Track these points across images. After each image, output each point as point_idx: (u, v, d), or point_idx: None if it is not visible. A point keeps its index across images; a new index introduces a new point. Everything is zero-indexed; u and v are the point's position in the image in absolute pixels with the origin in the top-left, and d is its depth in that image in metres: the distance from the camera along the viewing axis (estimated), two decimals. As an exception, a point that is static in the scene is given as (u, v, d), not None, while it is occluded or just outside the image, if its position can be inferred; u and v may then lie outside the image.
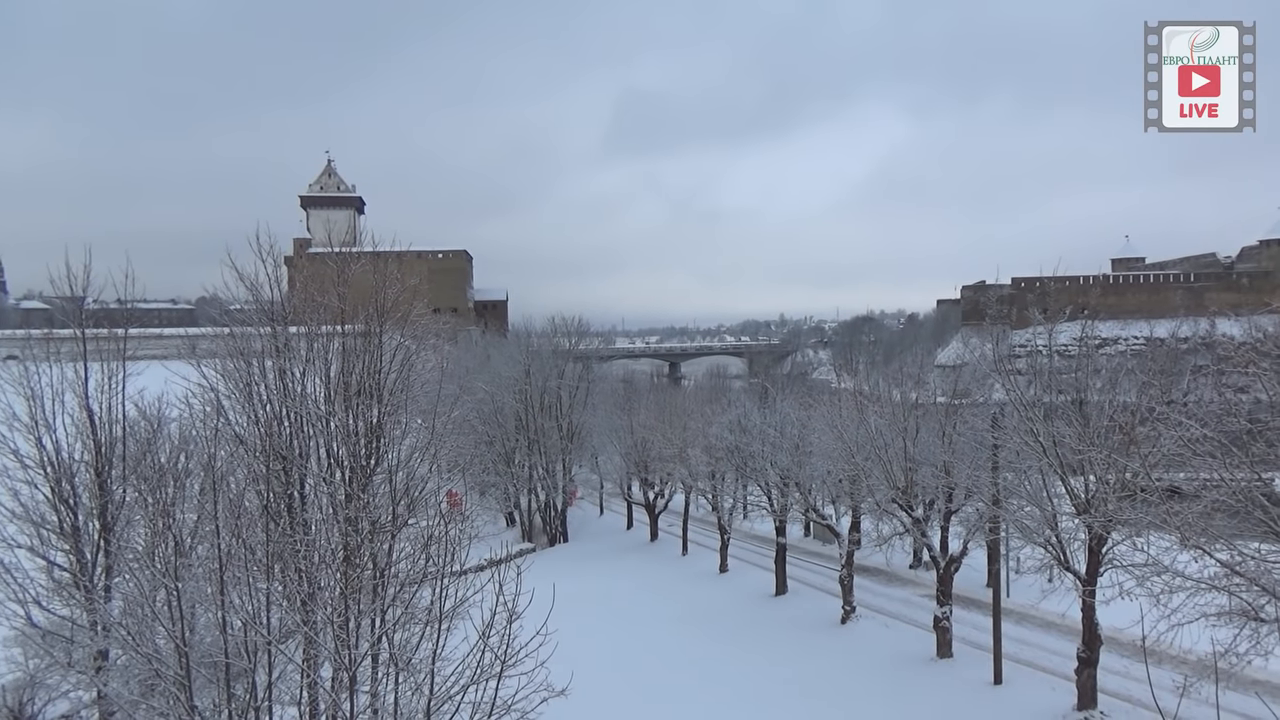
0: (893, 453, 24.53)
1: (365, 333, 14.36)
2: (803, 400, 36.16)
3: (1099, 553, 17.47)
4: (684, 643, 27.53)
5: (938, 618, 23.34)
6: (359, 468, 13.51)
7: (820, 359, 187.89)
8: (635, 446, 48.31)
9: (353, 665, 9.30)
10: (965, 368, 37.74)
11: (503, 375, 56.30)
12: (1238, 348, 14.20)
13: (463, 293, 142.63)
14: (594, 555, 47.81)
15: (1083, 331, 22.77)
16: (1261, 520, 12.81)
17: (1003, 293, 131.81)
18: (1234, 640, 12.76)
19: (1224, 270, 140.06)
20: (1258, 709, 6.36)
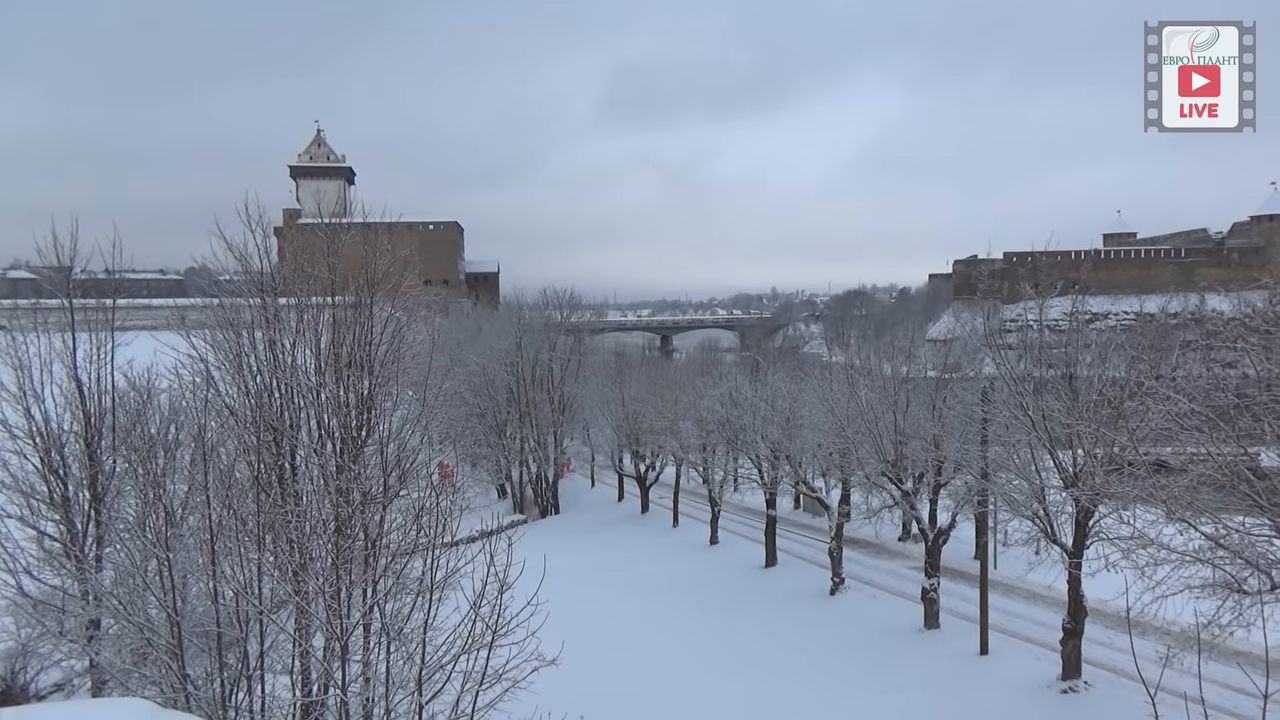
0: (883, 426, 24.64)
1: (356, 304, 14.29)
2: (794, 374, 36.24)
3: (1086, 526, 17.63)
4: (674, 613, 27.77)
5: (925, 589, 23.57)
6: (350, 439, 13.48)
7: (812, 333, 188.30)
8: (627, 419, 48.38)
9: (344, 635, 9.36)
10: (956, 342, 37.91)
11: (494, 347, 56.22)
12: (1227, 323, 14.30)
13: (454, 264, 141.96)
14: (585, 527, 48.03)
15: (1073, 306, 22.84)
16: (1247, 494, 12.93)
17: (994, 267, 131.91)
18: (1217, 612, 12.93)
19: (1215, 246, 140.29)
20: (1239, 679, 6.44)
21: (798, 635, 24.43)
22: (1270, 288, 14.27)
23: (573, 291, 67.47)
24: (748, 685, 20.75)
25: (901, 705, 18.94)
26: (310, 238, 16.42)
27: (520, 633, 9.20)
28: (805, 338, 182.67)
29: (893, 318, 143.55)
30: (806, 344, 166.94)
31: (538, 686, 9.32)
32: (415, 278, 19.88)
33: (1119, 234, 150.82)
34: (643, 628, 26.14)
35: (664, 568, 34.83)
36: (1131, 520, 16.25)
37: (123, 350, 16.32)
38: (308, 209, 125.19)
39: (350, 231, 15.59)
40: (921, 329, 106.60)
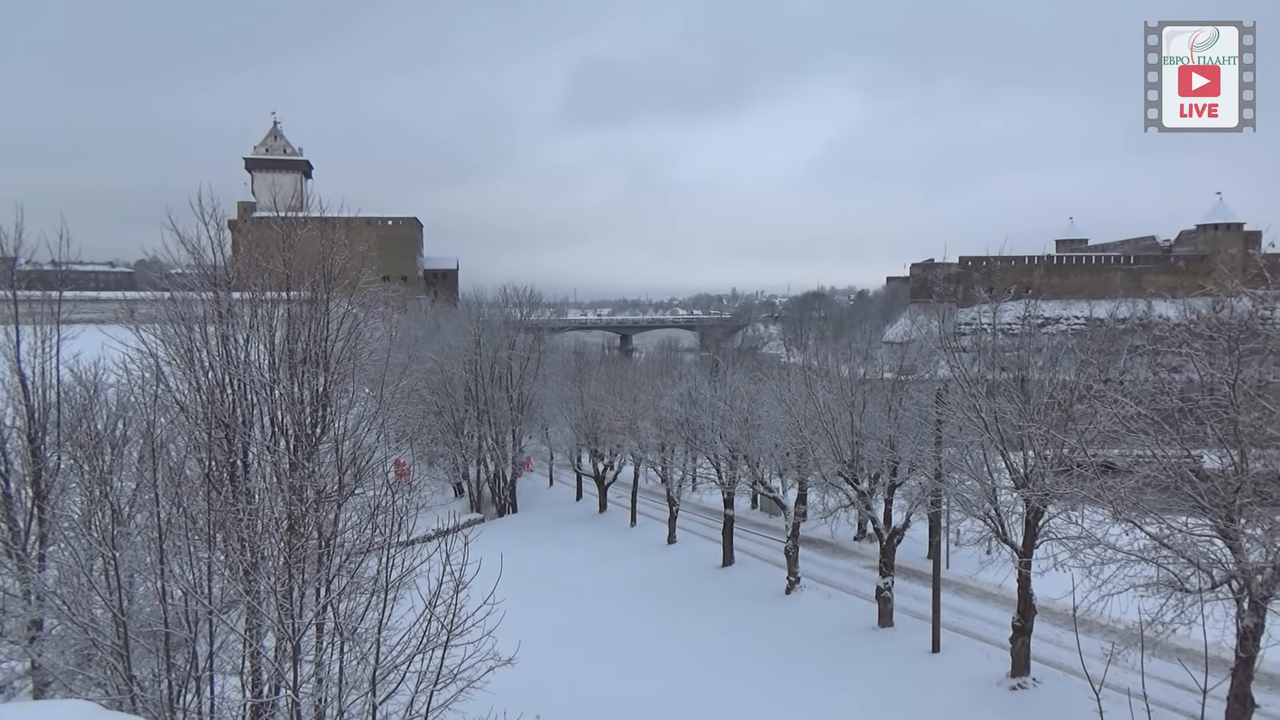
0: (840, 427, 24.88)
1: (311, 299, 14.10)
2: (753, 374, 36.46)
3: (1035, 525, 17.97)
4: (631, 613, 27.79)
5: (880, 588, 23.84)
6: (304, 436, 13.31)
7: (771, 333, 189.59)
8: (586, 418, 48.30)
9: (296, 635, 9.22)
10: (912, 344, 38.40)
11: (452, 345, 55.78)
12: (1172, 329, 14.61)
13: (412, 261, 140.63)
14: (543, 526, 47.87)
15: (1026, 310, 23.28)
16: (1190, 495, 13.28)
17: (950, 271, 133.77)
18: (1160, 610, 13.26)
19: (1162, 253, 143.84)
20: (1181, 675, 6.62)
21: (754, 634, 24.58)
22: (1214, 295, 14.65)
23: (532, 289, 67.21)
24: (703, 684, 20.83)
25: (855, 702, 19.15)
26: (265, 231, 16.17)
27: (476, 632, 9.14)
28: (764, 338, 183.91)
29: (850, 319, 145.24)
30: (765, 345, 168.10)
31: (493, 686, 9.27)
32: (373, 274, 19.63)
33: (1071, 240, 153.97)
34: (599, 627, 26.12)
35: (621, 567, 34.84)
36: (1079, 520, 16.61)
37: (69, 344, 15.92)
38: (263, 202, 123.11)
39: (306, 226, 15.37)
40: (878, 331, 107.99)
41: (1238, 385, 12.72)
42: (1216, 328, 13.68)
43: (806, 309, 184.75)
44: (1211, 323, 13.97)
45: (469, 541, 9.25)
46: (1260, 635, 13.21)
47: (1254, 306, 13.66)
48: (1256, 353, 13.27)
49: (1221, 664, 13.33)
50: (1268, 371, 13.24)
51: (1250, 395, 12.63)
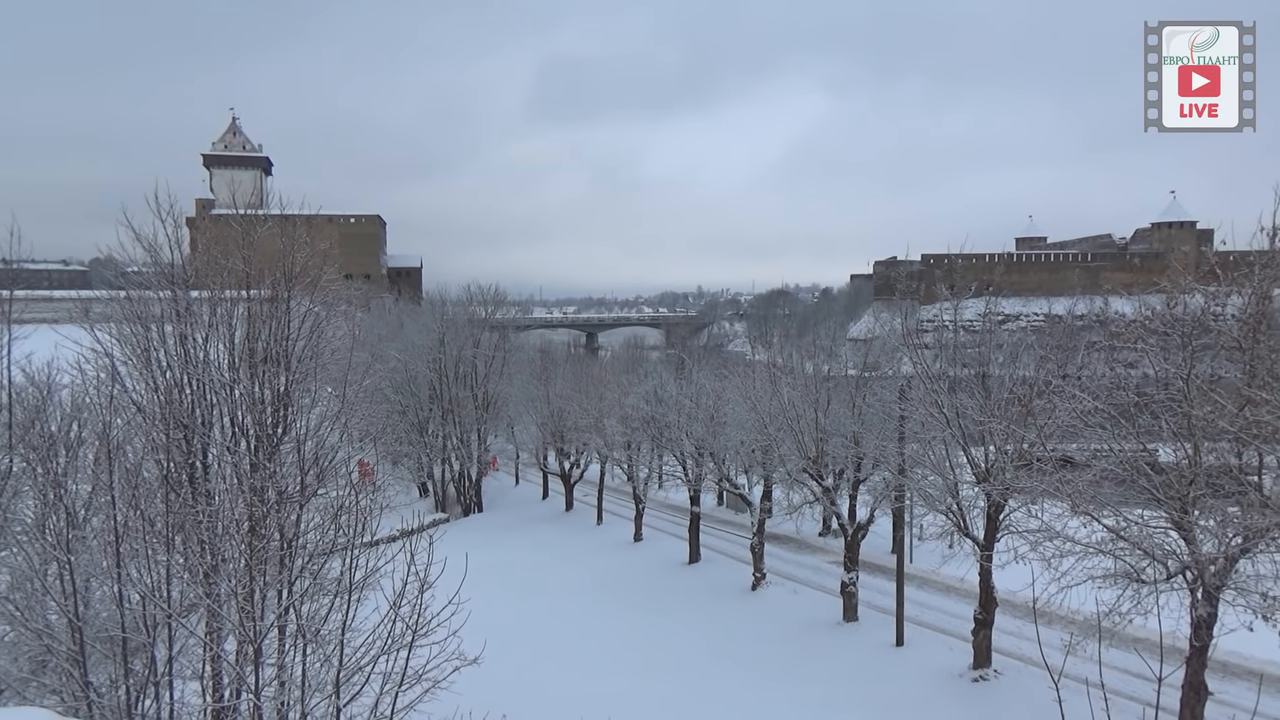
0: (804, 423, 25.05)
1: (272, 298, 13.90)
2: (718, 372, 36.59)
3: (996, 519, 18.23)
4: (597, 611, 27.78)
5: (844, 583, 24.05)
6: (265, 436, 13.13)
7: (736, 331, 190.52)
8: (551, 416, 48.17)
9: (258, 637, 9.10)
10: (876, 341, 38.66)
11: (416, 343, 55.31)
12: (1128, 325, 14.92)
13: (375, 259, 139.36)
14: (509, 525, 47.69)
15: (986, 307, 23.56)
16: (1145, 488, 13.56)
17: (913, 268, 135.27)
18: (1118, 600, 13.53)
19: (1119, 251, 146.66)
20: (1137, 665, 6.76)
21: (720, 630, 24.68)
22: (1168, 292, 14.94)
23: (497, 287, 66.73)
24: (670, 681, 20.88)
25: (820, 696, 19.30)
26: (224, 229, 15.92)
27: (441, 632, 9.08)
28: (730, 336, 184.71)
29: (815, 317, 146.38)
30: (731, 342, 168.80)
31: (459, 686, 9.22)
32: (335, 272, 19.43)
33: (1030, 238, 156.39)
34: (565, 626, 26.09)
35: (588, 565, 34.81)
36: (1039, 514, 16.89)
37: (20, 344, 15.57)
38: (222, 199, 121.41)
39: (267, 223, 15.15)
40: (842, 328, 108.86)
41: (1191, 380, 13.00)
42: (1170, 324, 13.97)
43: (772, 306, 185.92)
44: (1166, 319, 14.27)
45: (434, 541, 9.19)
46: (1213, 624, 13.53)
47: (1206, 303, 13.97)
48: (1209, 348, 13.58)
49: (1177, 653, 13.62)
50: (1220, 366, 13.56)
51: (1203, 390, 12.91)
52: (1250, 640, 13.67)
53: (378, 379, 34.49)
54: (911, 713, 18.07)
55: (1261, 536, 12.02)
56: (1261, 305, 13.03)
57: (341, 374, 15.71)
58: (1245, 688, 16.39)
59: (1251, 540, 12.28)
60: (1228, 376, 13.42)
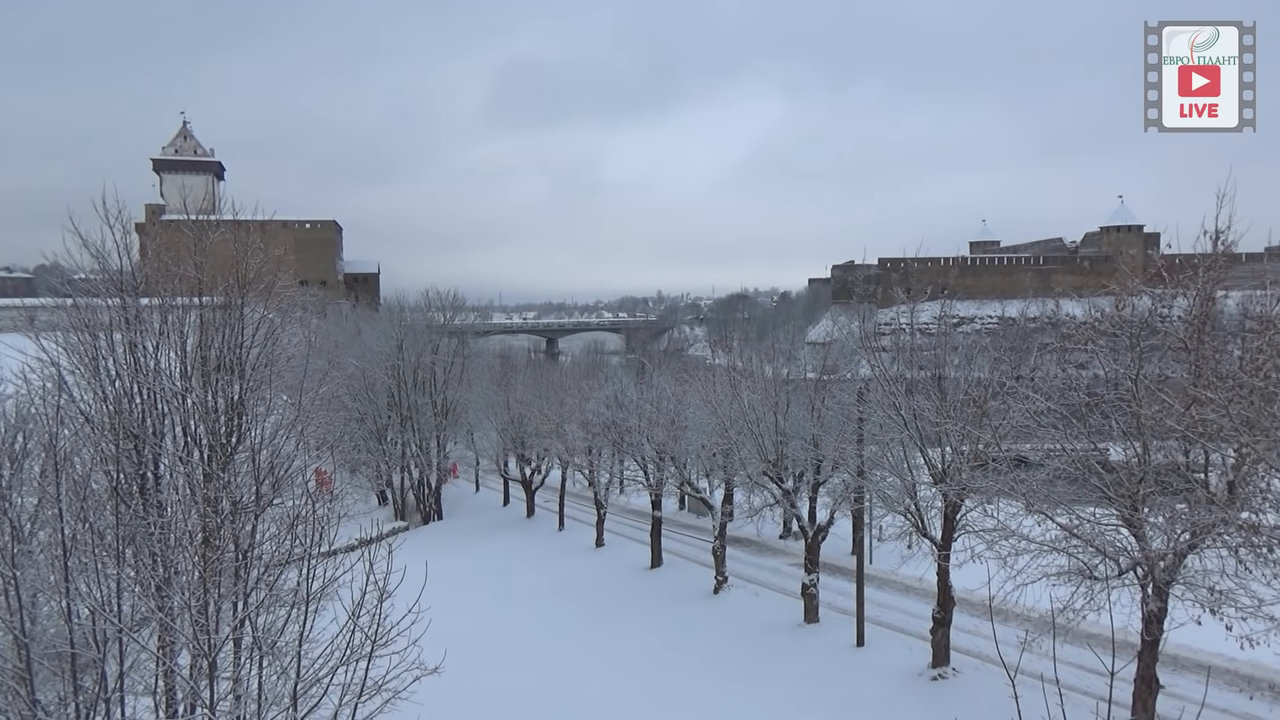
0: (764, 427, 25.19)
1: (225, 305, 13.68)
2: (679, 376, 36.64)
3: (953, 519, 18.48)
4: (559, 617, 27.67)
5: (805, 585, 24.22)
6: (219, 446, 12.90)
7: (696, 335, 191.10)
8: (512, 422, 47.91)
9: (212, 651, 8.91)
10: (834, 344, 39.09)
11: (374, 350, 54.70)
12: (1079, 327, 15.21)
13: (331, 265, 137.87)
14: (469, 532, 47.33)
15: (942, 311, 23.96)
16: (1097, 487, 13.84)
17: (870, 272, 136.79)
18: (1071, 597, 13.78)
19: (1069, 254, 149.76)
20: (1091, 660, 6.89)
21: (682, 634, 24.71)
22: (1117, 294, 15.27)
23: (456, 293, 66.20)
24: (632, 686, 20.86)
25: (782, 698, 19.40)
26: (175, 235, 15.62)
27: (401, 642, 8.98)
28: (690, 340, 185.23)
29: (774, 321, 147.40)
30: (691, 346, 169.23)
31: (420, 696, 9.12)
32: (290, 278, 19.16)
33: (984, 242, 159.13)
34: (527, 632, 25.94)
35: (549, 571, 34.66)
36: (995, 513, 17.16)
37: (-39, 353, 15.10)
38: (173, 205, 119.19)
39: (219, 229, 14.90)
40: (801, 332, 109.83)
41: (1139, 380, 13.30)
42: (1119, 325, 14.28)
43: (731, 311, 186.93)
44: (1115, 321, 14.57)
45: (393, 550, 9.09)
46: (1164, 619, 13.84)
47: (1153, 305, 14.30)
48: (1156, 349, 13.91)
49: (1128, 647, 13.93)
50: (1167, 367, 13.89)
51: (1151, 389, 13.22)
52: (1199, 634, 14.02)
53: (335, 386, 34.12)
54: (872, 712, 18.23)
55: (1208, 532, 12.32)
56: (1206, 307, 13.36)
57: (297, 381, 15.50)
58: (1195, 680, 16.79)
59: (1199, 536, 12.59)
60: (1174, 376, 13.74)
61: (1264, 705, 16.42)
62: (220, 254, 14.49)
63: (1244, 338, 13.53)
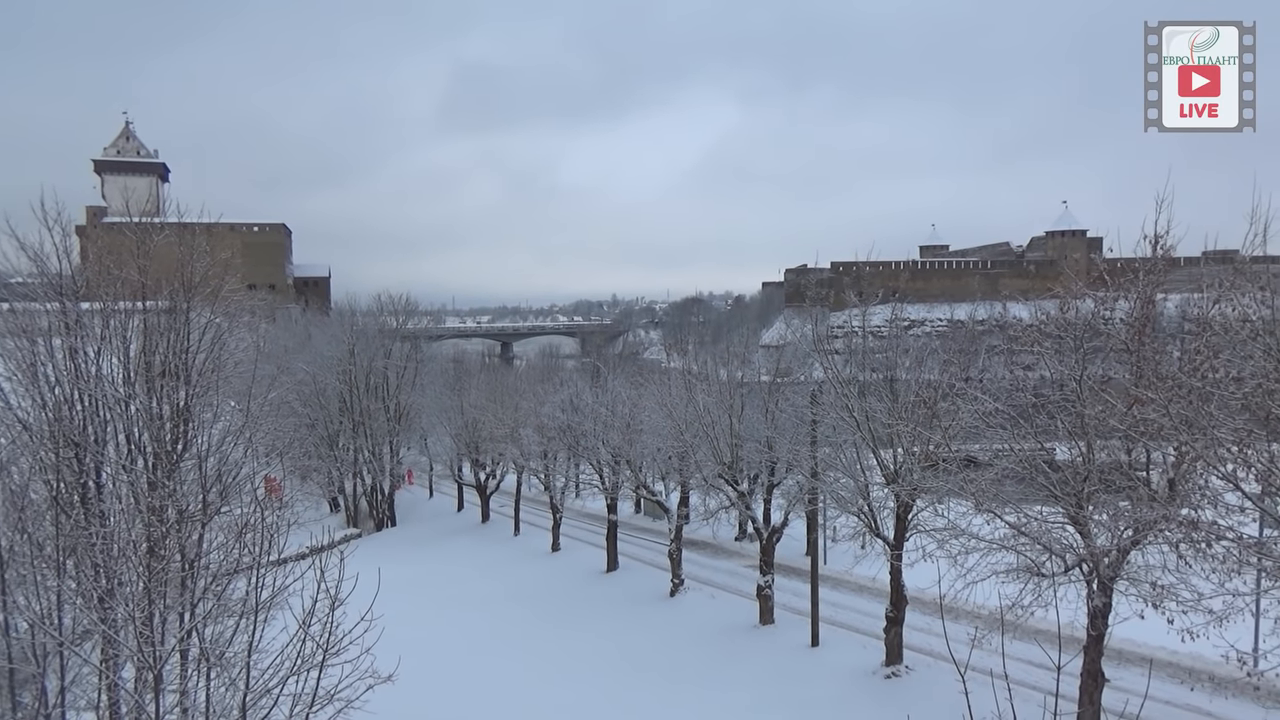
0: (719, 429, 25.30)
1: (170, 309, 13.39)
2: (634, 379, 36.66)
3: (905, 519, 18.74)
4: (515, 622, 27.50)
5: (760, 586, 24.36)
6: (164, 453, 12.62)
7: (651, 339, 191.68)
8: (466, 427, 47.56)
9: (158, 663, 8.70)
10: (788, 347, 39.39)
11: (325, 355, 53.95)
12: (1025, 329, 15.53)
13: (280, 268, 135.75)
14: (423, 539, 46.85)
15: (893, 314, 24.26)
16: (1044, 485, 14.13)
17: (822, 276, 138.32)
18: (1019, 594, 14.06)
19: (1016, 258, 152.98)
20: (1038, 655, 7.03)
21: (638, 638, 24.70)
22: (1061, 297, 15.63)
23: (409, 297, 65.63)
24: (588, 691, 20.80)
25: (739, 701, 19.47)
26: (118, 238, 15.27)
27: (354, 650, 8.84)
28: (645, 344, 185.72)
29: (728, 324, 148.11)
30: (646, 350, 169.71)
31: (373, 705, 8.99)
32: (238, 282, 18.84)
33: (933, 246, 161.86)
34: (483, 638, 25.74)
35: (505, 577, 34.45)
36: (945, 513, 17.45)
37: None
38: (115, 207, 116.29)
39: (163, 232, 14.59)
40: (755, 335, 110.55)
41: (1084, 381, 13.62)
42: (1064, 328, 14.61)
43: (686, 314, 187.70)
44: (1059, 323, 14.91)
45: (345, 557, 8.95)
46: (1108, 614, 14.17)
47: (1096, 308, 14.65)
48: (1099, 350, 14.25)
49: (1075, 642, 14.21)
50: (1110, 368, 14.24)
51: (1094, 390, 13.54)
52: (1142, 628, 14.36)
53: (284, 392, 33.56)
54: (828, 712, 18.39)
55: (1150, 529, 12.64)
56: (1146, 309, 13.73)
57: (246, 387, 15.22)
58: (1138, 673, 17.19)
59: (1141, 532, 12.91)
60: (1117, 377, 14.09)
61: (1204, 696, 16.89)
62: (165, 257, 14.20)
63: (1183, 339, 13.91)
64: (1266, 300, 11.15)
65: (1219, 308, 12.28)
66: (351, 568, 8.83)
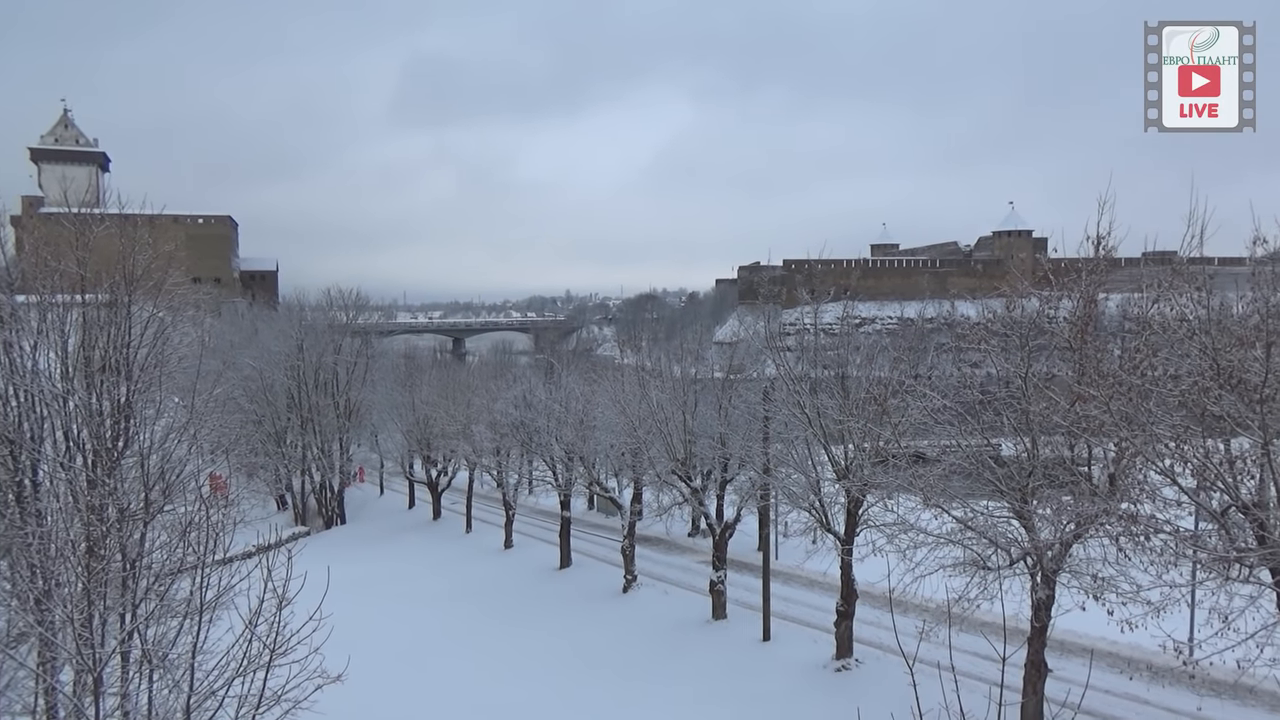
0: (673, 426, 25.37)
1: (111, 303, 13.04)
2: (587, 376, 36.59)
3: (856, 514, 18.97)
4: (466, 620, 27.31)
5: (713, 582, 24.49)
6: (104, 451, 12.29)
7: (605, 335, 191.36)
8: (418, 424, 47.07)
9: (97, 666, 8.48)
10: (741, 344, 39.61)
11: (273, 350, 52.93)
12: (972, 327, 15.81)
13: (227, 262, 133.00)
14: (373, 537, 46.29)
15: (844, 311, 24.58)
16: (990, 480, 14.41)
17: (775, 274, 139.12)
18: (966, 587, 14.33)
19: (964, 258, 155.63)
20: (984, 647, 7.17)
21: (591, 634, 24.69)
22: (1008, 296, 15.93)
23: (359, 292, 64.60)
24: (540, 689, 20.73)
25: (690, 695, 19.57)
26: (56, 228, 14.84)
27: (302, 650, 8.69)
28: (599, 340, 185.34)
29: (682, 321, 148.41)
30: (600, 346, 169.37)
31: (321, 706, 8.85)
32: (182, 275, 18.42)
33: (884, 245, 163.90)
34: (434, 636, 25.51)
35: (457, 574, 34.18)
36: (895, 508, 17.69)
37: None
38: (52, 197, 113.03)
39: (104, 223, 14.21)
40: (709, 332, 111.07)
41: (1029, 378, 13.90)
42: (1010, 326, 14.91)
43: (640, 311, 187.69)
44: (1006, 321, 15.20)
45: (293, 556, 8.80)
46: (1051, 606, 14.51)
47: (1041, 306, 14.96)
48: (1044, 348, 14.56)
49: (1019, 634, 14.51)
50: (1054, 365, 14.55)
51: (1039, 387, 13.83)
52: (1083, 619, 14.73)
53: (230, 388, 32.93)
54: (779, 705, 18.56)
55: (1091, 522, 12.95)
56: (1089, 308, 14.05)
57: (190, 383, 14.88)
58: (1080, 663, 17.62)
59: (1083, 526, 13.22)
60: (1061, 375, 14.40)
61: (1142, 685, 17.38)
62: (105, 249, 13.82)
63: (1123, 338, 14.25)
64: (1203, 300, 11.48)
65: (1158, 307, 12.62)
66: (300, 566, 8.70)
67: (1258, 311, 10.63)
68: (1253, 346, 10.35)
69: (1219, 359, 10.53)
